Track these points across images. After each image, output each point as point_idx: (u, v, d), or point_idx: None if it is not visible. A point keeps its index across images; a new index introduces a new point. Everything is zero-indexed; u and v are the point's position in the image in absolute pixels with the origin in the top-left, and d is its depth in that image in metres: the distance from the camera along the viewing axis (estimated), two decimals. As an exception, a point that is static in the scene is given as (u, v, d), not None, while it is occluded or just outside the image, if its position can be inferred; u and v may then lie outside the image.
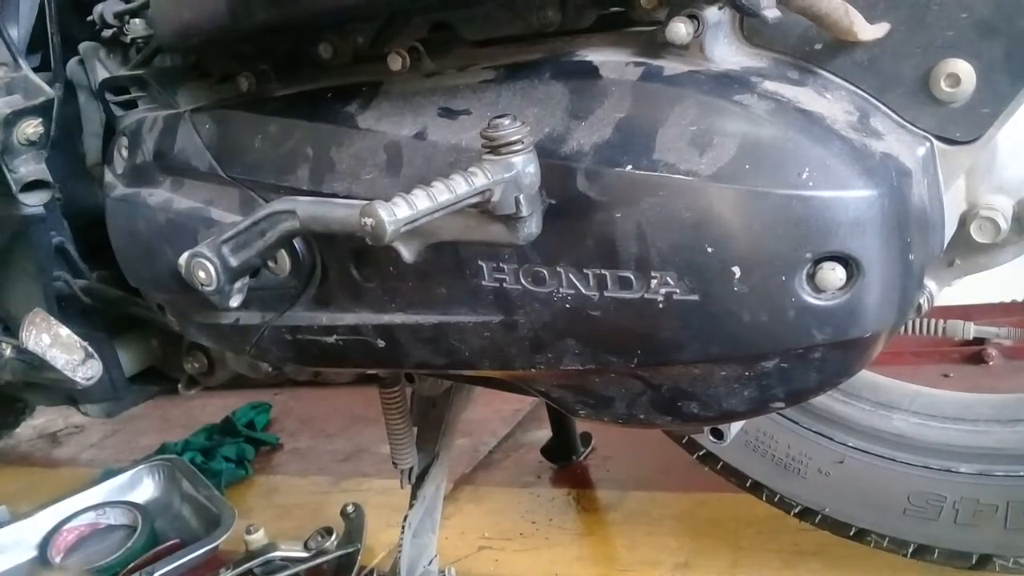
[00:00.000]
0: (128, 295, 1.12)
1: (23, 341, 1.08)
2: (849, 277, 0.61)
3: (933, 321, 1.05)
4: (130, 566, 1.49)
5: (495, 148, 0.61)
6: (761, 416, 1.07)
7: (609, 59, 0.69)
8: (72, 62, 1.09)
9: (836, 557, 1.23)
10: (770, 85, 0.64)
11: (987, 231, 0.75)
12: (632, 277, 0.66)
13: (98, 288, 1.15)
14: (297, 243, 0.82)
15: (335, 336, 0.85)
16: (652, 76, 0.67)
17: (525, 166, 0.61)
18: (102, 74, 1.06)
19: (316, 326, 0.86)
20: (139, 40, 1.01)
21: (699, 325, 0.66)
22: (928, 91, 0.63)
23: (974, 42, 0.61)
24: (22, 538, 1.63)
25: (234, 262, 0.81)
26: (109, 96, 1.04)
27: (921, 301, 0.83)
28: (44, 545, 1.61)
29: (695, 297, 0.65)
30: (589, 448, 1.72)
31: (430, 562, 1.28)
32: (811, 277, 0.62)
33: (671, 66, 0.67)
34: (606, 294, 0.68)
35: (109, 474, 1.80)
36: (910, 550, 1.09)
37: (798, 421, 1.13)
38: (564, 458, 1.70)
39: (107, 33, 1.04)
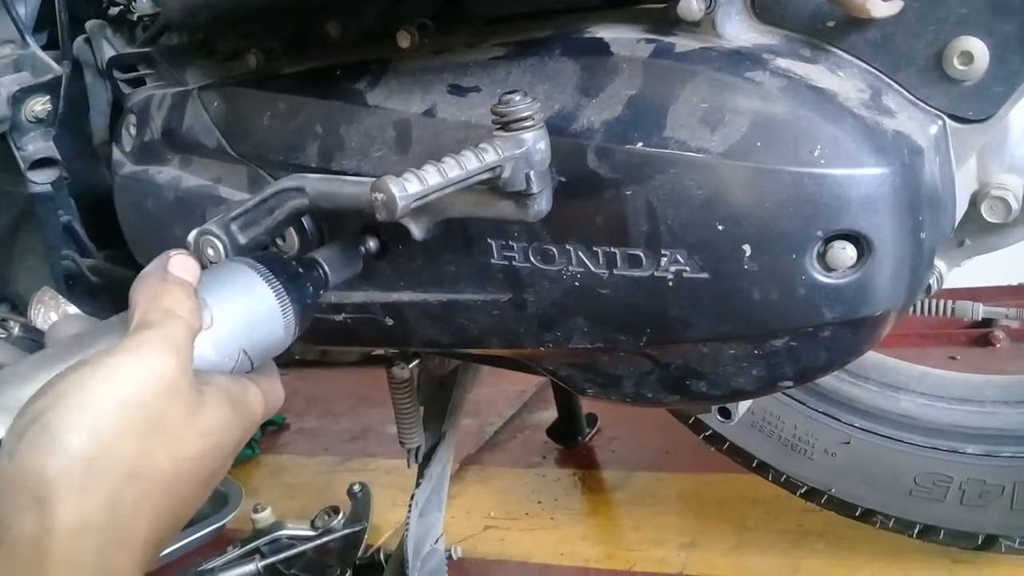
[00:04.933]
0: (136, 273, 1.11)
1: (31, 319, 1.08)
2: (860, 255, 0.61)
3: (942, 302, 1.05)
4: (138, 544, 1.50)
5: (506, 124, 0.60)
6: (769, 395, 1.07)
7: (620, 36, 0.69)
8: (79, 40, 1.08)
9: (842, 537, 1.23)
10: (782, 62, 0.64)
11: (998, 211, 0.75)
12: (642, 255, 0.66)
13: (106, 267, 1.15)
14: (306, 221, 0.82)
15: (343, 314, 0.85)
16: (663, 53, 0.66)
17: (536, 142, 0.61)
18: (109, 52, 1.06)
19: (324, 304, 0.86)
20: (146, 18, 1.01)
21: (709, 303, 0.66)
22: (941, 69, 0.62)
23: (988, 20, 0.60)
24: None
25: (243, 239, 0.81)
26: (117, 74, 1.03)
27: (931, 281, 0.83)
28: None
29: (705, 275, 0.64)
30: (595, 429, 1.73)
31: (436, 541, 1.28)
32: (822, 255, 0.61)
33: (682, 43, 0.66)
34: (616, 272, 0.68)
35: (116, 453, 1.81)
36: (916, 530, 1.10)
37: (805, 402, 1.13)
38: (570, 439, 1.70)
39: (114, 11, 1.04)
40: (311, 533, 1.44)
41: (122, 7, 1.02)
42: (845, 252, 0.61)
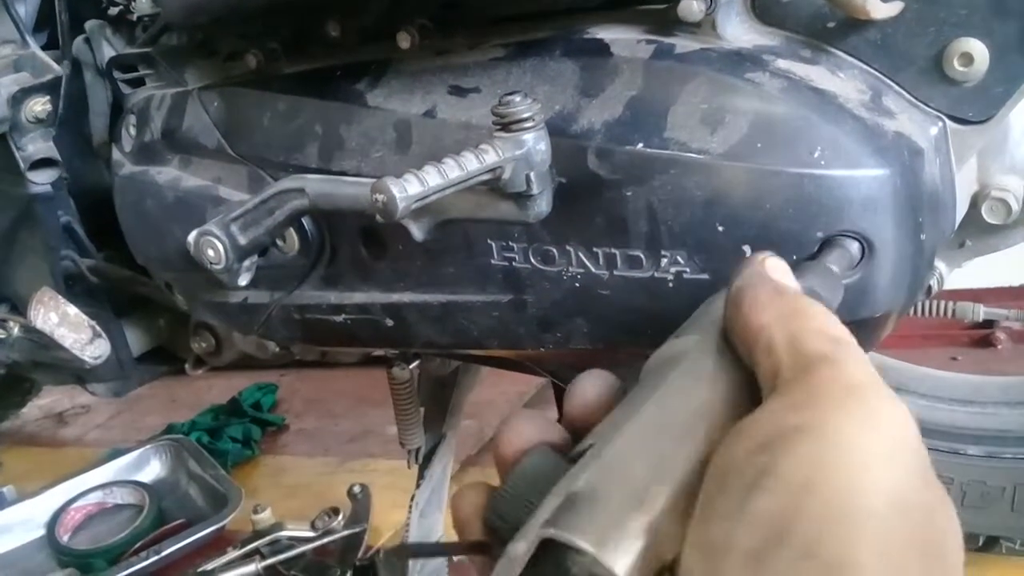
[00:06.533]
0: (135, 274, 1.12)
1: (31, 320, 1.08)
2: (860, 257, 0.61)
3: (942, 303, 1.05)
4: (137, 545, 1.50)
5: (506, 125, 0.60)
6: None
7: (620, 37, 0.69)
8: (78, 40, 1.08)
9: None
10: (782, 63, 0.64)
11: (998, 212, 0.75)
12: (642, 256, 0.66)
13: (105, 267, 1.15)
14: (306, 221, 0.82)
15: (343, 315, 0.85)
16: (664, 54, 0.66)
17: (536, 143, 0.61)
18: (108, 52, 1.06)
19: (324, 305, 0.86)
20: (146, 18, 1.01)
21: (709, 304, 0.66)
22: (941, 70, 0.62)
23: (988, 21, 0.60)
24: (30, 517, 1.65)
25: (243, 240, 0.81)
26: (117, 74, 1.03)
27: (931, 282, 0.83)
28: (52, 524, 1.62)
29: (705, 276, 0.64)
30: (595, 430, 1.72)
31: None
32: (822, 256, 0.61)
33: (683, 44, 0.66)
34: (616, 273, 0.68)
35: (116, 454, 1.81)
36: (917, 532, 1.10)
37: (805, 403, 1.12)
38: (570, 440, 1.69)
39: (114, 11, 1.03)
40: (311, 534, 1.44)
41: (122, 7, 1.02)
42: (845, 253, 0.61)
